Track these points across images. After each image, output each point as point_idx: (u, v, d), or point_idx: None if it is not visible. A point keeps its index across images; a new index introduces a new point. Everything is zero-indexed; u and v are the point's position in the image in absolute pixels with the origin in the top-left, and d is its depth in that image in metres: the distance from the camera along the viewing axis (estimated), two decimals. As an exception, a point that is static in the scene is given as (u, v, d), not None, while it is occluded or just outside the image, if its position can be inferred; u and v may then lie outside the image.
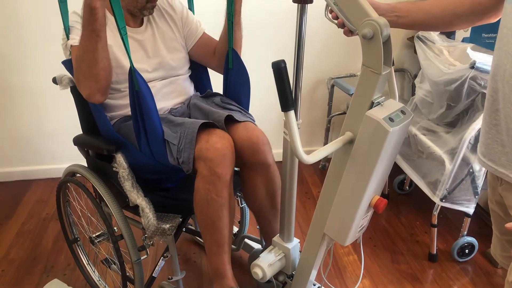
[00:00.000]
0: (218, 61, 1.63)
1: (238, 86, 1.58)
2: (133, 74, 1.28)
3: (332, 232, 1.18)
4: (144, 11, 1.51)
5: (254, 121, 1.55)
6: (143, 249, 1.48)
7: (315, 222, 1.22)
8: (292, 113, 0.96)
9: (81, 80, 1.36)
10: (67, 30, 1.42)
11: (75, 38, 1.38)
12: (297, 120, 1.22)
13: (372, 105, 1.04)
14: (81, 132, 1.63)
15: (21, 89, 2.51)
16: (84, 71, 1.33)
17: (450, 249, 2.02)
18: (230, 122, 1.47)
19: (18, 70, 2.46)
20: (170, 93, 1.60)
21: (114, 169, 1.43)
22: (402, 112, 1.06)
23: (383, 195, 2.48)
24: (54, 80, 1.58)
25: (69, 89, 1.58)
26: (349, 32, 1.07)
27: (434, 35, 2.08)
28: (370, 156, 1.03)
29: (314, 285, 1.57)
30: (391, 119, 1.01)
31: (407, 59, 2.70)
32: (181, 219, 1.49)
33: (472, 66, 1.74)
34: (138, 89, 1.30)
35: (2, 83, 2.48)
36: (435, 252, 2.00)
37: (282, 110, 0.97)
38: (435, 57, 1.99)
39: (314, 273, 1.34)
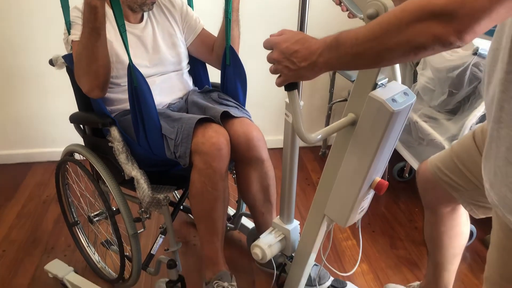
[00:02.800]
0: (216, 57, 1.66)
1: (235, 83, 1.62)
2: (131, 70, 1.32)
3: (332, 213, 1.18)
4: (144, 7, 1.54)
5: (250, 117, 1.59)
6: (139, 220, 1.51)
7: (315, 204, 1.23)
8: (295, 92, 0.96)
9: (81, 76, 1.40)
10: (68, 25, 1.45)
11: (76, 33, 1.41)
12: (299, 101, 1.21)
13: (375, 87, 1.04)
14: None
15: (21, 72, 2.50)
16: (84, 67, 1.36)
17: (448, 236, 2.03)
18: (226, 117, 1.51)
19: (18, 52, 2.45)
20: (169, 88, 1.63)
21: (109, 144, 1.45)
22: (405, 93, 1.06)
23: (382, 182, 2.48)
24: (51, 62, 1.59)
25: (65, 70, 1.58)
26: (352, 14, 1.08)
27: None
28: (373, 137, 1.03)
29: (316, 265, 1.58)
30: (394, 100, 1.01)
31: (409, 47, 2.68)
32: (175, 190, 1.54)
33: (475, 53, 1.73)
34: (137, 85, 1.33)
35: (2, 65, 2.47)
36: (433, 238, 2.01)
37: (286, 90, 0.97)
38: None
39: (313, 256, 1.34)
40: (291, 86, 0.96)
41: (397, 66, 1.17)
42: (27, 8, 2.34)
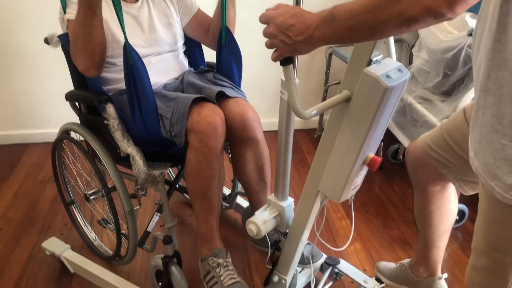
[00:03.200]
0: (212, 38, 1.66)
1: (230, 63, 1.62)
2: (127, 49, 1.32)
3: (326, 189, 1.20)
4: None
5: (245, 98, 1.60)
6: (135, 197, 1.53)
7: (309, 180, 1.25)
8: (290, 67, 0.97)
9: (77, 55, 1.40)
10: (64, 4, 1.45)
11: (72, 12, 1.41)
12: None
13: (369, 63, 1.05)
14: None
15: (16, 52, 2.49)
16: (80, 46, 1.37)
17: (441, 216, 2.06)
18: (221, 97, 1.52)
19: (12, 32, 2.43)
20: (165, 68, 1.63)
21: (105, 121, 1.46)
22: (399, 70, 1.07)
23: (377, 164, 2.51)
24: (46, 41, 1.59)
25: (60, 48, 1.58)
26: None
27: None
28: (367, 113, 1.05)
29: (309, 244, 1.61)
30: (388, 76, 1.02)
31: (406, 29, 2.69)
32: (170, 166, 1.56)
33: (470, 34, 1.74)
34: (133, 63, 1.33)
35: (-2, 45, 2.46)
36: (426, 219, 2.04)
37: (281, 64, 0.97)
38: (433, 26, 1.99)
39: (307, 233, 1.37)
40: (286, 61, 0.96)
41: (392, 44, 1.19)
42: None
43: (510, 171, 0.83)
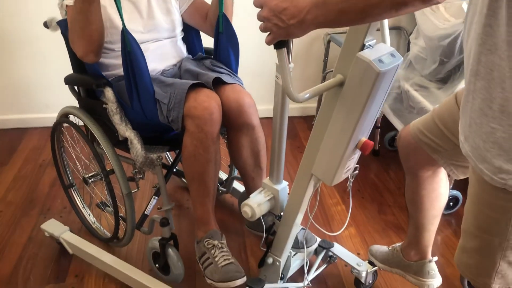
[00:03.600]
0: (210, 25, 1.67)
1: (227, 50, 1.63)
2: (125, 35, 1.33)
3: (319, 172, 1.22)
4: None
5: (242, 84, 1.61)
6: (133, 180, 1.55)
7: (303, 163, 1.27)
8: (284, 50, 0.98)
9: (75, 41, 1.42)
10: None
11: None
12: (289, 63, 1.24)
13: (363, 48, 1.06)
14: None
15: (15, 37, 2.50)
16: (78, 31, 1.39)
17: (435, 202, 2.08)
18: (218, 84, 1.53)
19: (11, 17, 2.44)
20: (163, 55, 1.64)
21: (103, 105, 1.47)
22: (392, 55, 1.08)
23: (373, 151, 2.53)
24: (45, 24, 1.60)
25: (59, 32, 1.59)
26: None
27: (432, -10, 2.07)
28: (359, 97, 1.06)
29: (303, 229, 1.64)
30: (380, 61, 1.03)
31: (404, 17, 2.69)
32: (168, 150, 1.58)
33: (467, 21, 1.75)
34: (130, 49, 1.35)
35: (-3, 29, 2.47)
36: (420, 205, 2.07)
37: (275, 48, 0.99)
38: (431, 13, 2.00)
39: (300, 216, 1.39)
40: (280, 44, 0.98)
41: (387, 29, 1.20)
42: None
43: (499, 154, 0.85)
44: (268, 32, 0.96)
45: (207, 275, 1.45)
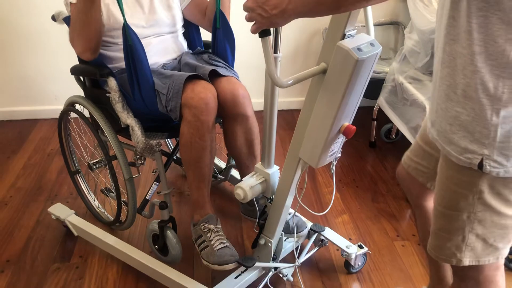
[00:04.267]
0: (208, 21, 1.75)
1: (224, 45, 1.71)
2: (126, 29, 1.42)
3: (305, 156, 1.30)
4: None
5: (238, 77, 1.69)
6: (134, 165, 1.64)
7: (291, 148, 1.34)
8: (267, 39, 1.06)
9: (75, 39, 1.52)
10: None
11: None
12: (277, 53, 1.32)
13: (343, 37, 1.13)
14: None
15: (24, 31, 2.61)
16: (78, 30, 1.48)
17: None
18: (215, 76, 1.61)
19: (21, 11, 2.55)
20: (164, 49, 1.72)
21: (107, 95, 1.56)
22: (371, 44, 1.15)
23: (370, 142, 2.60)
24: (53, 18, 1.69)
25: (65, 25, 1.68)
26: None
27: (425, -14, 2.14)
28: (340, 83, 1.14)
29: (296, 216, 1.71)
30: (359, 49, 1.10)
31: (402, 13, 2.75)
32: (167, 137, 1.66)
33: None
34: (131, 43, 1.44)
35: (7, 23, 2.58)
36: (413, 193, 2.13)
37: (259, 36, 1.06)
38: (424, 8, 2.06)
39: (290, 198, 1.46)
40: (264, 33, 1.05)
41: (371, 22, 1.27)
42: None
43: (464, 135, 0.92)
44: (253, 22, 1.04)
45: (203, 257, 1.54)
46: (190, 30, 1.88)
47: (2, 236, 1.89)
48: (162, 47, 1.72)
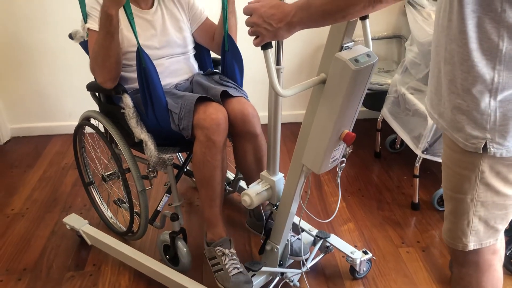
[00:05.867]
0: (217, 44, 1.85)
1: (233, 66, 1.80)
2: (140, 53, 1.51)
3: (308, 162, 1.36)
4: None
5: (247, 97, 1.77)
6: (147, 178, 1.71)
7: (295, 155, 1.41)
8: (269, 51, 1.13)
9: (96, 70, 1.62)
10: (85, 14, 1.65)
11: (92, 23, 1.62)
12: (279, 64, 1.39)
13: (341, 49, 1.21)
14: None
15: (42, 48, 2.72)
16: (99, 63, 1.58)
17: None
18: (226, 96, 1.69)
19: (37, 30, 2.67)
20: (177, 70, 1.81)
21: (121, 110, 1.64)
22: (368, 55, 1.22)
23: (375, 153, 2.65)
24: (70, 36, 1.79)
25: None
26: None
27: (424, 0, 2.21)
28: (338, 92, 1.20)
29: (299, 239, 1.74)
30: (356, 60, 1.17)
31: (404, 26, 2.82)
32: (179, 151, 1.72)
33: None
34: (145, 65, 1.53)
35: (25, 42, 2.70)
36: (417, 201, 2.18)
37: (262, 49, 1.13)
38: (423, 21, 2.13)
39: (295, 205, 1.52)
40: (266, 46, 1.13)
41: (369, 35, 1.34)
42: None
43: (468, 123, 1.00)
44: (255, 36, 1.12)
45: (218, 279, 1.61)
46: (201, 53, 1.96)
47: (19, 246, 1.97)
48: (175, 68, 1.80)
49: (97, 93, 1.85)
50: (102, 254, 1.90)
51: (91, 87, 1.81)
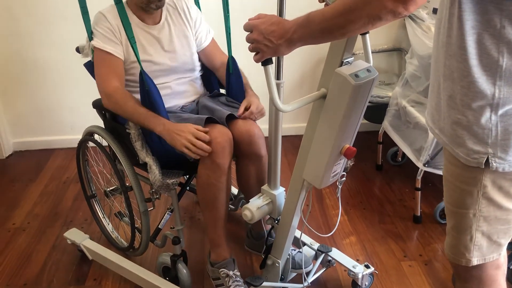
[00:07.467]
0: (219, 74, 1.87)
1: (237, 88, 1.81)
2: (143, 76, 1.53)
3: (309, 177, 1.36)
4: (151, 4, 1.67)
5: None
6: (150, 201, 1.70)
7: (296, 170, 1.41)
8: (269, 67, 1.14)
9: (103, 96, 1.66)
10: (90, 32, 1.65)
11: (98, 41, 1.63)
12: (280, 79, 1.40)
13: (341, 64, 1.21)
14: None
15: (44, 64, 2.74)
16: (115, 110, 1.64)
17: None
18: (231, 117, 1.69)
19: (40, 46, 2.69)
20: (183, 92, 1.81)
21: (127, 130, 1.64)
22: (368, 70, 1.23)
23: (376, 165, 2.65)
24: (77, 49, 1.80)
25: (86, 58, 1.78)
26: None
27: (423, 13, 2.22)
28: (339, 107, 1.21)
29: (300, 252, 1.73)
30: (356, 75, 1.18)
31: (405, 39, 2.83)
32: (183, 175, 1.71)
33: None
34: (148, 88, 1.54)
35: (27, 58, 2.72)
36: (419, 214, 2.17)
37: (262, 65, 1.14)
38: (423, 34, 2.14)
39: (296, 219, 1.52)
40: (266, 62, 1.14)
41: (369, 49, 1.35)
42: (50, 4, 2.58)
43: (469, 138, 1.00)
44: (255, 52, 1.13)
45: None
46: (207, 74, 1.96)
47: (20, 261, 1.96)
48: (182, 90, 1.80)
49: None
50: (102, 268, 1.89)
51: (96, 105, 1.81)
